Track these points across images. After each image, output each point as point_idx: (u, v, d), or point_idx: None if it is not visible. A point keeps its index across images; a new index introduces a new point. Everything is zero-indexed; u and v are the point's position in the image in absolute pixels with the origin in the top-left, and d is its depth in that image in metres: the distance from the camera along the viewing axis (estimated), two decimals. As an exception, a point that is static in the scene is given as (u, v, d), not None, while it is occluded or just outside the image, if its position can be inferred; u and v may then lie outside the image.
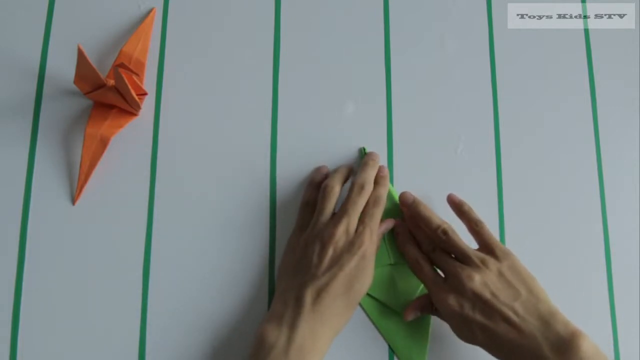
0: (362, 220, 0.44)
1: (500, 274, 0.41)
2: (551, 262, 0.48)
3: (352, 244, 0.42)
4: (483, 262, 0.42)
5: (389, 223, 0.47)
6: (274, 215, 0.48)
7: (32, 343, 0.44)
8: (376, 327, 0.46)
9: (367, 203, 0.45)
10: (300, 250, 0.44)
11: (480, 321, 0.40)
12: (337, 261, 0.41)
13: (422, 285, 0.46)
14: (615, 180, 0.51)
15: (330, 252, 0.42)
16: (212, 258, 0.47)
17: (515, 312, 0.39)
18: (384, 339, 0.46)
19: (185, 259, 0.47)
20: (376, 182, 0.46)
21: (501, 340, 0.39)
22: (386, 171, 0.48)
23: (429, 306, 0.44)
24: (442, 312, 0.42)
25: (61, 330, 0.45)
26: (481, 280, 0.41)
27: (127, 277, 0.46)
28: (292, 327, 0.39)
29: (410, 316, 0.44)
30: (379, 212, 0.45)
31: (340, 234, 0.43)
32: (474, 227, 0.45)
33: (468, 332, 0.41)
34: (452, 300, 0.41)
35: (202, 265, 0.47)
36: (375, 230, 0.44)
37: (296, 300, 0.40)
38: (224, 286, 0.46)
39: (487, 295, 0.40)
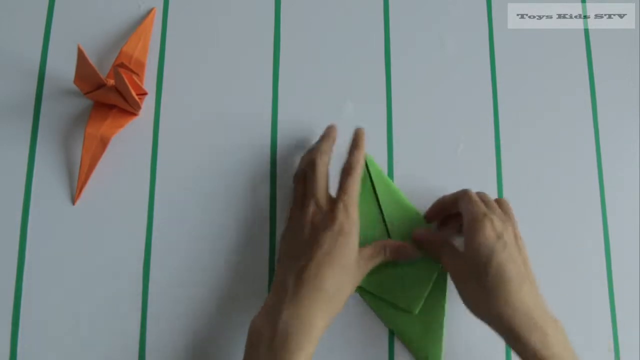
0: (337, 194, 0.43)
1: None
2: (551, 261, 0.48)
3: (325, 220, 0.41)
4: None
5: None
6: (274, 215, 0.48)
7: (32, 343, 0.44)
8: (389, 326, 0.46)
9: (342, 172, 0.44)
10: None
11: (510, 257, 0.40)
12: (315, 240, 0.40)
13: (431, 284, 0.46)
14: (615, 181, 0.51)
15: (307, 232, 0.41)
16: (212, 258, 0.47)
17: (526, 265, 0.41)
18: (399, 338, 0.46)
19: (185, 259, 0.47)
20: (352, 146, 0.45)
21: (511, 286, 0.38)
22: (363, 134, 0.46)
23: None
24: (475, 245, 0.40)
25: (61, 330, 0.45)
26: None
27: (127, 277, 0.46)
28: (275, 315, 0.38)
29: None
30: (352, 182, 0.43)
31: (312, 213, 0.42)
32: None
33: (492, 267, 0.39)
34: (489, 230, 0.40)
35: (202, 266, 0.47)
36: (351, 204, 0.42)
37: (280, 287, 0.40)
38: (224, 287, 0.46)
39: (515, 237, 0.41)
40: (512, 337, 0.38)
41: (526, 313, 0.38)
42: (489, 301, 0.39)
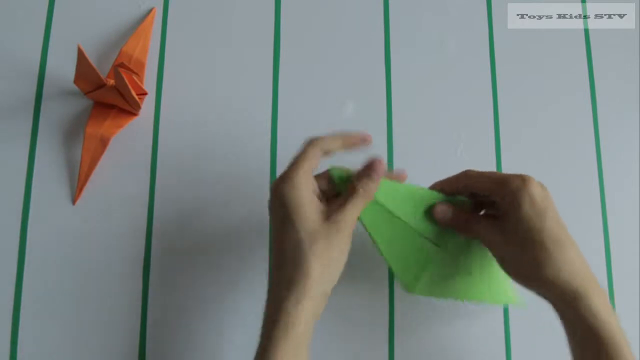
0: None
1: None
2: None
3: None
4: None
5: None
6: (274, 215, 0.48)
7: (32, 343, 0.44)
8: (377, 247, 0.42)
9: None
10: None
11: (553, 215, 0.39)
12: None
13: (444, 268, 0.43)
14: (615, 181, 0.51)
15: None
16: (212, 258, 0.47)
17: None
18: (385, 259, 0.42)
19: (186, 259, 0.47)
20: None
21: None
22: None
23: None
24: (523, 213, 0.38)
25: (61, 330, 0.45)
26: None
27: (127, 277, 0.46)
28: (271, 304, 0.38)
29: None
30: (307, 148, 0.40)
31: None
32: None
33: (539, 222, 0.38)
34: (538, 195, 0.39)
35: (202, 265, 0.47)
36: (300, 161, 0.39)
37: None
38: (224, 288, 0.46)
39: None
40: (570, 298, 0.37)
41: (582, 273, 0.38)
42: (545, 266, 0.38)
